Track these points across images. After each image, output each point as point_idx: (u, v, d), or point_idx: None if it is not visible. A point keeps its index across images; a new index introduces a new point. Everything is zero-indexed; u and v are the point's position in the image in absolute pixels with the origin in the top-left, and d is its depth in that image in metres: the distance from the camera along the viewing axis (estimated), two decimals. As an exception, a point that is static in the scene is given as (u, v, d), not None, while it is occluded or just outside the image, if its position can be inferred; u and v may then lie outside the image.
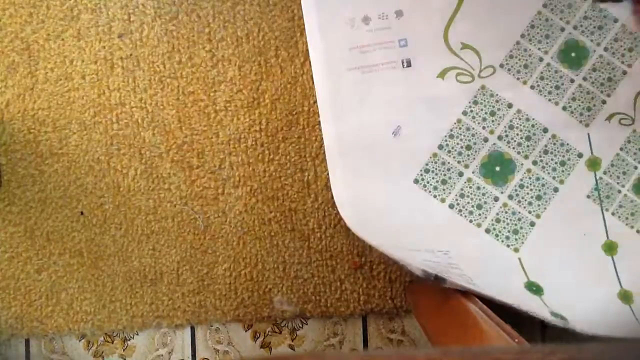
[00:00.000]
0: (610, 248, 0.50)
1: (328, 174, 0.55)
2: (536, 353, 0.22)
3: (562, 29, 0.53)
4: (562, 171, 0.52)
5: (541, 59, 0.52)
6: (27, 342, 0.60)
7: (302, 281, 0.59)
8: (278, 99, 0.58)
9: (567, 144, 0.52)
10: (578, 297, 0.48)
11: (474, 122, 0.52)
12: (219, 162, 0.59)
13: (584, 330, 0.45)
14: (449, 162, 0.52)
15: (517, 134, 0.52)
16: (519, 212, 0.52)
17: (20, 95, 0.58)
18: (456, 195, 0.52)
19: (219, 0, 0.59)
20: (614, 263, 0.50)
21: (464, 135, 0.52)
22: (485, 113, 0.52)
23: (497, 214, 0.52)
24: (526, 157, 0.52)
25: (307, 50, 0.56)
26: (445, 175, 0.52)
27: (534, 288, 0.48)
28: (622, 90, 0.52)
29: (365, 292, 0.59)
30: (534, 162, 0.52)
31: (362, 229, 0.51)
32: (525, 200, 0.52)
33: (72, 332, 0.59)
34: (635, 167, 0.52)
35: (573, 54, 0.53)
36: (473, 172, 0.52)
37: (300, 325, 0.60)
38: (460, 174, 0.52)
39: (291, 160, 0.59)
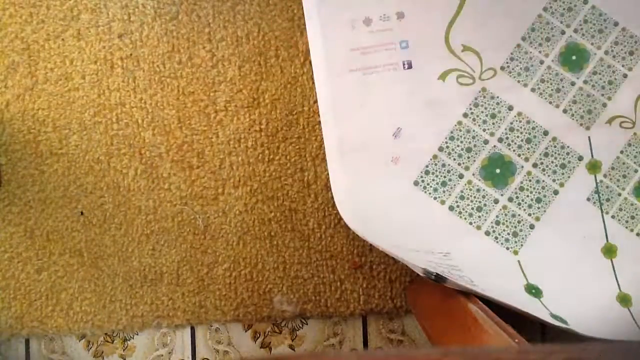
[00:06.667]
0: (609, 251, 0.50)
1: (328, 174, 0.55)
2: (536, 353, 0.22)
3: (563, 32, 0.53)
4: (563, 174, 0.52)
5: (542, 62, 0.53)
6: (27, 342, 0.60)
7: (302, 281, 0.59)
8: (278, 99, 0.58)
9: (568, 147, 0.52)
10: (577, 300, 0.48)
11: (475, 124, 0.53)
12: (219, 162, 0.59)
13: (584, 333, 0.45)
14: (449, 164, 0.52)
15: (518, 137, 0.52)
16: (519, 215, 0.52)
17: (20, 95, 0.58)
18: (456, 197, 0.52)
19: (219, 0, 0.58)
20: (613, 266, 0.50)
21: (465, 138, 0.52)
22: (486, 115, 0.52)
23: (497, 216, 0.52)
24: (526, 159, 0.52)
25: (307, 50, 0.56)
26: (445, 177, 0.52)
27: (533, 290, 0.49)
28: (622, 93, 0.53)
29: (365, 292, 0.59)
30: (534, 165, 0.52)
31: (362, 229, 0.51)
32: (525, 202, 0.52)
33: (72, 332, 0.59)
34: (636, 170, 0.52)
35: (574, 57, 0.53)
36: (473, 174, 0.52)
37: (300, 325, 0.61)
38: (461, 176, 0.52)
39: (291, 160, 0.59)
